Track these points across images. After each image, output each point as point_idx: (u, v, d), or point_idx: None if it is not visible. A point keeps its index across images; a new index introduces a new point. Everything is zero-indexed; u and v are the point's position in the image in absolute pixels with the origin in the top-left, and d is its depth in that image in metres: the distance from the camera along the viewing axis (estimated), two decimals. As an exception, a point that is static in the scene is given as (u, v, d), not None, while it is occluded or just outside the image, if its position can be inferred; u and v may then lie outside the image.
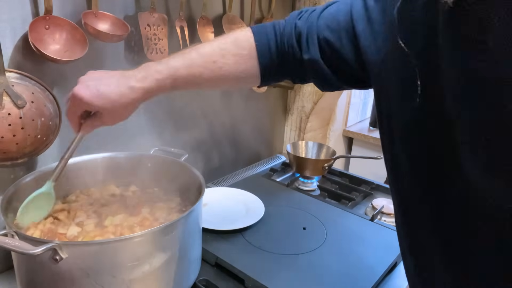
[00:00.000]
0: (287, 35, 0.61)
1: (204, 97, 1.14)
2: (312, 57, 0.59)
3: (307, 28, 0.59)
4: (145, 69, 0.59)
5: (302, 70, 0.62)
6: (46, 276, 0.59)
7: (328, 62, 0.58)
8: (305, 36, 0.59)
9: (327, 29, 0.57)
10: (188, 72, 0.59)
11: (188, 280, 0.74)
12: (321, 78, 0.61)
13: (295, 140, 1.53)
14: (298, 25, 0.60)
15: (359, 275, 0.81)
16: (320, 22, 0.58)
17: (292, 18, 0.62)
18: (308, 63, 0.60)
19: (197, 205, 0.69)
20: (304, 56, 0.60)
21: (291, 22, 0.62)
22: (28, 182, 0.73)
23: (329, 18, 0.57)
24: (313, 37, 0.58)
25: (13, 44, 0.72)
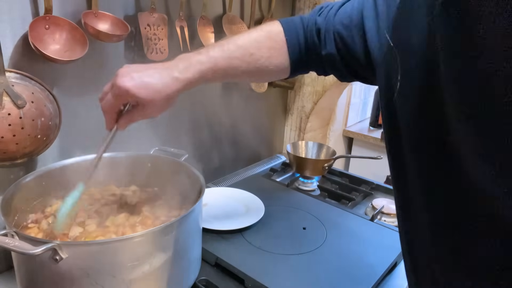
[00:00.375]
0: (310, 30, 0.64)
1: (204, 97, 1.14)
2: (329, 52, 0.61)
3: (325, 24, 0.62)
4: (185, 60, 0.59)
5: (323, 63, 0.65)
6: (46, 276, 0.59)
7: (343, 57, 0.61)
8: (324, 32, 0.62)
9: (341, 25, 0.59)
10: (227, 64, 0.61)
11: (188, 280, 0.74)
12: (338, 71, 0.64)
13: (295, 140, 1.53)
14: (318, 21, 0.63)
15: (359, 275, 0.81)
16: (336, 19, 0.60)
17: (314, 14, 0.65)
18: (326, 57, 0.62)
19: (197, 205, 0.69)
20: (322, 51, 0.63)
21: (313, 18, 0.64)
22: (28, 182, 0.73)
23: (344, 15, 0.59)
24: (329, 33, 0.61)
25: (13, 44, 0.72)
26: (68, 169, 0.81)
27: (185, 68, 0.59)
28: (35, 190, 0.76)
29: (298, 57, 0.65)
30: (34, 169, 0.80)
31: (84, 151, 0.87)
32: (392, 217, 1.07)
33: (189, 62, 0.59)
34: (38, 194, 0.77)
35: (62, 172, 0.80)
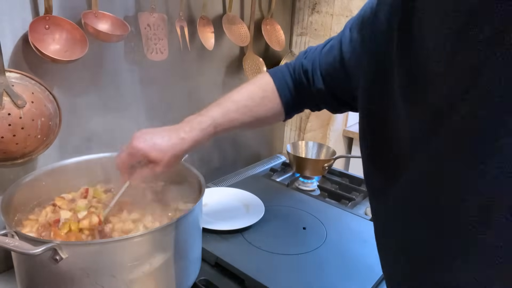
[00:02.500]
0: (297, 72, 0.72)
1: (205, 98, 1.14)
2: (318, 88, 0.68)
3: (311, 65, 0.69)
4: (189, 123, 0.68)
5: (314, 100, 0.72)
6: (46, 276, 0.59)
7: (331, 91, 0.68)
8: (310, 71, 0.69)
9: (325, 63, 0.67)
10: (225, 119, 0.69)
11: (188, 280, 0.74)
12: (330, 105, 0.71)
13: (295, 140, 1.53)
14: (304, 63, 0.71)
15: (359, 275, 0.81)
16: (321, 58, 0.68)
17: (300, 58, 0.73)
18: (316, 93, 0.69)
19: (197, 205, 0.69)
20: (312, 88, 0.70)
21: (299, 62, 0.72)
22: (28, 182, 0.73)
23: (327, 53, 0.67)
24: (316, 71, 0.68)
25: (13, 44, 0.72)
26: (68, 169, 0.81)
27: (189, 129, 0.67)
28: (35, 190, 0.76)
29: (289, 100, 0.73)
30: (34, 169, 0.80)
31: (84, 151, 0.87)
32: (392, 217, 1.07)
33: (192, 124, 0.67)
34: (38, 194, 0.77)
35: (62, 172, 0.80)
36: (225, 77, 1.20)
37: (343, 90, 0.65)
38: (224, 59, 1.18)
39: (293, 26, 1.38)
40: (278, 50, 1.28)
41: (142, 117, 1.00)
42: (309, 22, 1.34)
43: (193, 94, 1.11)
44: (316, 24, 1.33)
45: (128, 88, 0.95)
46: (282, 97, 0.72)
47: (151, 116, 1.02)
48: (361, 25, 0.58)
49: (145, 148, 0.65)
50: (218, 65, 1.17)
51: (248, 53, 1.21)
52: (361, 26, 0.58)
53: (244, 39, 1.14)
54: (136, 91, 0.97)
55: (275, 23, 1.25)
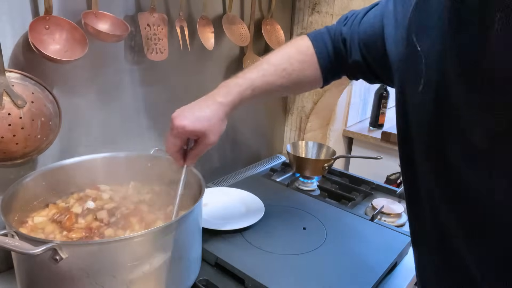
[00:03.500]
0: (337, 40, 0.69)
1: (204, 97, 1.14)
2: (355, 60, 0.66)
3: (350, 34, 0.67)
4: (225, 86, 0.67)
5: (351, 70, 0.70)
6: (46, 276, 0.59)
7: (368, 64, 0.65)
8: (349, 41, 0.67)
9: (365, 34, 0.64)
10: (263, 81, 0.67)
11: (188, 280, 0.74)
12: (366, 76, 0.69)
13: (295, 140, 1.53)
14: (343, 31, 0.68)
15: (359, 275, 0.81)
16: (361, 28, 0.65)
17: (340, 23, 0.70)
18: (353, 65, 0.67)
19: (197, 205, 0.69)
20: (349, 59, 0.68)
21: (339, 28, 0.70)
22: (28, 182, 0.73)
23: (367, 23, 0.64)
24: (354, 42, 0.66)
25: (13, 44, 0.72)
26: (68, 169, 0.81)
27: (226, 93, 0.66)
28: (35, 190, 0.76)
29: (328, 66, 0.70)
30: (34, 169, 0.80)
31: (84, 151, 0.87)
32: (392, 217, 1.07)
33: (228, 87, 0.66)
34: (38, 194, 0.77)
35: (62, 172, 0.80)
36: (225, 77, 1.18)
37: (380, 65, 0.62)
38: (224, 59, 1.18)
39: (293, 26, 1.38)
40: (278, 50, 1.28)
41: (142, 117, 1.00)
42: (309, 22, 1.34)
43: (193, 94, 1.11)
44: (316, 24, 1.32)
45: (128, 88, 0.95)
46: (321, 63, 0.70)
47: (151, 116, 1.02)
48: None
49: (189, 124, 0.63)
50: (218, 65, 1.17)
51: (248, 53, 1.21)
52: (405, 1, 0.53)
53: (244, 39, 1.14)
54: (136, 91, 0.97)
55: (275, 23, 1.25)
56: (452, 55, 0.41)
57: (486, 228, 0.44)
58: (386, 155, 1.62)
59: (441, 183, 0.48)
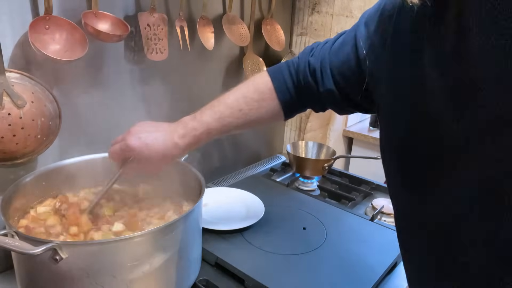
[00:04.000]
0: (302, 72, 0.67)
1: (205, 98, 1.14)
2: (328, 88, 0.64)
3: (320, 63, 0.65)
4: (184, 127, 0.67)
5: (320, 101, 0.67)
6: (46, 276, 0.59)
7: (341, 91, 0.63)
8: (319, 70, 0.65)
9: (338, 61, 0.62)
10: (219, 124, 0.68)
11: (188, 280, 0.74)
12: (338, 105, 0.67)
13: (295, 140, 1.53)
14: (311, 61, 0.66)
15: (359, 275, 0.81)
16: (332, 56, 0.63)
17: (305, 55, 0.68)
18: (324, 94, 0.65)
19: (197, 205, 0.69)
20: (320, 88, 0.65)
21: (305, 60, 0.68)
22: (28, 182, 0.73)
23: (339, 50, 0.62)
24: (326, 70, 0.64)
25: (13, 44, 0.72)
26: (68, 169, 0.81)
27: (183, 135, 0.67)
28: (35, 190, 0.76)
29: (289, 100, 0.69)
30: (34, 169, 0.80)
31: (84, 151, 0.87)
32: (392, 217, 1.07)
33: (186, 129, 0.67)
34: (38, 194, 0.77)
35: (62, 172, 0.80)
36: (225, 77, 1.20)
37: (356, 91, 0.60)
38: (224, 59, 1.18)
39: (293, 26, 1.38)
40: (278, 50, 1.28)
41: (142, 117, 1.00)
42: (309, 22, 1.34)
43: (193, 94, 1.11)
44: (316, 24, 1.32)
45: (128, 88, 0.95)
46: (281, 98, 0.69)
47: (151, 116, 1.02)
48: (379, 19, 0.53)
49: (138, 148, 0.65)
50: (218, 65, 1.17)
51: (248, 53, 1.21)
52: (380, 20, 0.53)
53: (244, 39, 1.14)
54: (136, 91, 0.97)
55: (275, 23, 1.25)
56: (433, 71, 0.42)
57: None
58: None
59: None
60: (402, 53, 0.47)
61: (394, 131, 0.51)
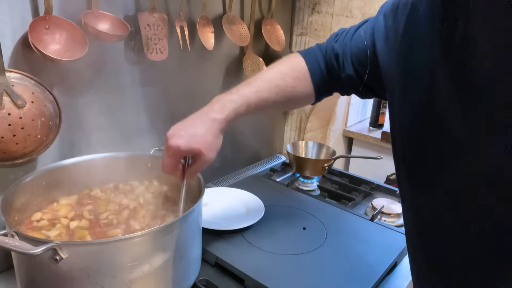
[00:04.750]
0: (329, 56, 0.70)
1: (205, 98, 1.14)
2: (348, 74, 0.67)
3: (342, 49, 0.68)
4: (219, 102, 0.67)
5: (343, 85, 0.70)
6: (46, 276, 0.59)
7: (361, 78, 0.66)
8: (341, 56, 0.68)
9: (357, 49, 0.65)
10: (257, 97, 0.67)
11: (188, 280, 0.74)
12: (358, 91, 0.69)
13: (295, 140, 1.53)
14: (335, 47, 0.69)
15: (359, 275, 0.81)
16: (352, 43, 0.66)
17: (331, 40, 0.71)
18: (345, 79, 0.68)
19: (197, 205, 0.69)
20: (341, 74, 0.68)
21: (330, 45, 0.70)
22: (28, 182, 0.73)
23: (358, 39, 0.65)
24: (347, 57, 0.67)
25: (13, 44, 0.72)
26: (68, 169, 0.81)
27: (220, 109, 0.66)
28: (35, 190, 0.76)
29: (321, 82, 0.71)
30: (34, 169, 0.80)
31: (84, 151, 0.87)
32: (392, 217, 1.07)
33: (223, 103, 0.66)
34: (38, 194, 0.77)
35: (62, 172, 0.80)
36: (225, 77, 1.20)
37: (372, 78, 0.63)
38: (224, 59, 1.18)
39: (293, 26, 1.38)
40: (278, 50, 1.28)
41: (142, 117, 1.00)
42: (309, 22, 1.34)
43: (193, 94, 1.11)
44: (316, 24, 1.33)
45: (128, 88, 0.95)
46: (314, 79, 0.70)
47: (151, 116, 1.02)
48: (396, 12, 0.55)
49: (184, 144, 0.63)
50: (218, 65, 1.17)
51: (248, 53, 1.21)
52: (396, 13, 0.55)
53: (244, 39, 1.14)
54: (136, 91, 0.97)
55: (275, 23, 1.25)
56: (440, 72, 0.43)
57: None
58: (386, 155, 1.62)
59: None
60: (415, 44, 0.48)
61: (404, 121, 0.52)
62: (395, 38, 0.53)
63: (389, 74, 0.56)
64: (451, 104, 0.42)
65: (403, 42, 0.50)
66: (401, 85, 0.51)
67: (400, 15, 0.52)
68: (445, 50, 0.42)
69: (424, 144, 0.48)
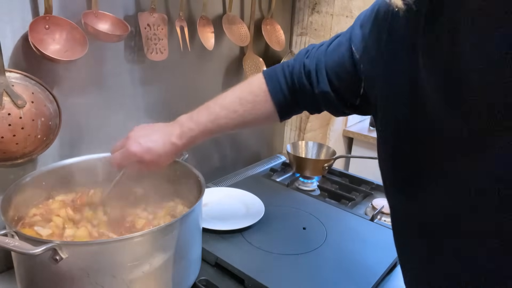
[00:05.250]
0: (297, 74, 0.68)
1: (204, 98, 1.14)
2: (323, 90, 0.64)
3: (315, 65, 0.65)
4: (180, 127, 0.70)
5: (315, 102, 0.68)
6: (46, 276, 0.59)
7: (337, 93, 0.64)
8: (314, 72, 0.65)
9: (333, 62, 0.63)
10: (214, 125, 0.69)
11: (188, 280, 0.74)
12: (333, 107, 0.67)
13: (295, 140, 1.53)
14: (306, 63, 0.66)
15: (359, 275, 0.81)
16: (327, 57, 0.64)
17: (300, 57, 0.69)
18: (320, 96, 0.65)
19: (197, 205, 0.69)
20: (315, 90, 0.65)
21: (300, 61, 0.68)
22: (28, 182, 0.73)
23: (334, 51, 0.63)
24: (321, 72, 0.64)
25: (13, 44, 0.72)
26: (68, 169, 0.81)
27: (180, 135, 0.69)
28: (35, 190, 0.76)
29: (283, 102, 0.70)
30: (34, 169, 0.80)
31: (84, 151, 0.87)
32: (392, 217, 1.07)
33: (182, 130, 0.70)
34: (38, 194, 0.77)
35: (62, 172, 0.80)
36: (225, 77, 1.20)
37: (351, 92, 0.61)
38: (224, 59, 1.18)
39: (293, 26, 1.38)
40: (278, 50, 1.28)
41: (142, 117, 1.00)
42: (309, 22, 1.34)
43: (193, 94, 1.11)
44: (316, 24, 1.33)
45: (128, 88, 0.95)
46: (275, 100, 0.69)
47: (151, 116, 1.02)
48: (374, 21, 0.54)
49: (139, 153, 0.68)
50: (218, 65, 1.17)
51: (248, 53, 1.21)
52: (374, 22, 0.54)
53: (244, 39, 1.14)
54: (136, 91, 0.97)
55: (275, 23, 1.25)
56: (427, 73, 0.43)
57: None
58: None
59: None
60: (397, 54, 0.47)
61: (390, 132, 0.51)
62: (377, 46, 0.52)
63: (371, 83, 0.55)
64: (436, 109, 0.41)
65: (385, 48, 0.49)
66: (384, 93, 0.51)
67: (382, 21, 0.51)
68: (429, 55, 0.41)
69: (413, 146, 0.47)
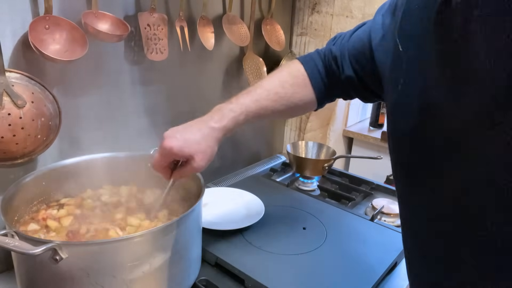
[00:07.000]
0: (328, 60, 0.70)
1: (204, 98, 1.14)
2: (347, 75, 0.67)
3: (340, 51, 0.68)
4: (219, 111, 0.67)
5: (344, 88, 0.69)
6: (46, 276, 0.59)
7: (360, 79, 0.66)
8: (340, 58, 0.67)
9: (354, 49, 0.65)
10: (256, 106, 0.67)
11: (188, 280, 0.74)
12: (360, 93, 0.69)
13: (295, 140, 1.53)
14: (333, 50, 0.69)
15: (359, 275, 0.81)
16: (350, 44, 0.66)
17: (329, 44, 0.71)
18: (346, 81, 0.67)
19: (197, 205, 0.69)
20: (341, 76, 0.68)
21: (328, 48, 0.71)
22: (28, 182, 0.73)
23: (356, 39, 0.65)
24: (345, 58, 0.67)
25: (13, 44, 0.72)
26: (68, 169, 0.81)
27: (219, 118, 0.66)
28: (35, 190, 0.76)
29: (321, 86, 0.71)
30: (34, 169, 0.80)
31: (84, 151, 0.87)
32: (392, 217, 1.07)
33: (222, 112, 0.66)
34: (38, 194, 0.77)
35: (62, 172, 0.80)
36: (225, 77, 1.20)
37: (371, 78, 0.62)
38: (224, 59, 1.18)
39: (293, 26, 1.38)
40: (278, 50, 1.28)
41: (142, 117, 1.00)
42: (309, 22, 1.34)
43: (193, 94, 1.11)
44: (316, 24, 1.33)
45: (128, 88, 0.95)
46: (314, 84, 0.70)
47: (151, 116, 1.02)
48: (393, 10, 0.55)
49: (177, 146, 0.63)
50: (218, 65, 1.17)
51: (248, 53, 1.21)
52: (393, 12, 0.54)
53: (244, 39, 1.14)
54: (136, 91, 0.97)
55: (275, 23, 1.25)
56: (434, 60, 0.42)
57: None
58: (386, 155, 1.62)
59: None
60: (410, 41, 0.47)
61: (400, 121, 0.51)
62: (392, 36, 0.52)
63: (385, 72, 0.56)
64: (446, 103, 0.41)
65: (399, 38, 0.50)
66: (395, 83, 0.51)
67: (398, 12, 0.52)
68: (439, 48, 0.41)
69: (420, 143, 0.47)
